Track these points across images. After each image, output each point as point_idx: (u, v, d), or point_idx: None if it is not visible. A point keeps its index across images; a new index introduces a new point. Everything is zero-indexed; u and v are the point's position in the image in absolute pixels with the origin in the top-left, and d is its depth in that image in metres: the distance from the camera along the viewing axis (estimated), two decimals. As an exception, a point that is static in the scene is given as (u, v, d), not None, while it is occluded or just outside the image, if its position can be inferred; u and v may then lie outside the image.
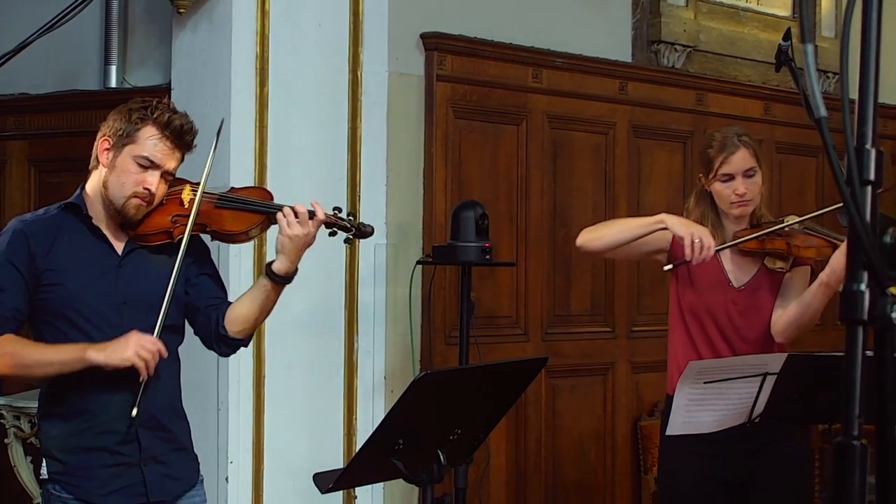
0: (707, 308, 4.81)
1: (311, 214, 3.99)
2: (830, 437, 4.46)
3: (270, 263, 4.03)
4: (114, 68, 7.13)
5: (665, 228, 4.73)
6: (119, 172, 3.95)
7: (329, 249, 4.17)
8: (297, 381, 6.25)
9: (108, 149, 3.99)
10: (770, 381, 4.41)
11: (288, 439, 6.26)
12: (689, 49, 8.18)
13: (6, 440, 6.92)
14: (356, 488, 6.34)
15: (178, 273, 3.94)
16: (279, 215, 3.99)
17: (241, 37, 6.17)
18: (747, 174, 4.79)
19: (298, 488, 6.07)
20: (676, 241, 4.79)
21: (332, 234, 4.12)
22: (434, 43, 6.83)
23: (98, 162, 4.03)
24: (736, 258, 4.84)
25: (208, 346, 4.20)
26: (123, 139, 3.95)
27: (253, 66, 6.18)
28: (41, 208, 4.11)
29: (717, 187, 4.81)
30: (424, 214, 6.75)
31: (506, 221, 7.12)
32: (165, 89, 6.52)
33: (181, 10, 6.24)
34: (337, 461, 6.19)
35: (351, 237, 4.17)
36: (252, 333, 4.18)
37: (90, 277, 3.95)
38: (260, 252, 6.10)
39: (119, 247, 4.02)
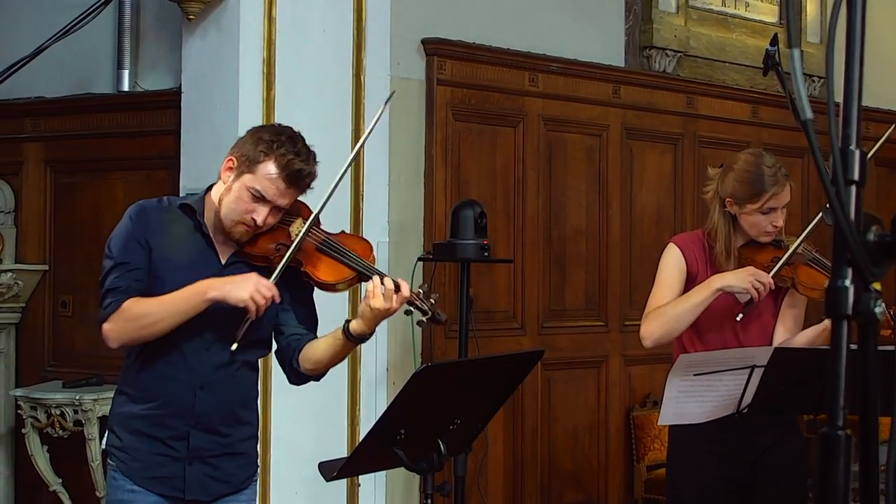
0: (715, 319, 4.79)
1: (397, 289, 3.89)
2: (816, 428, 4.46)
3: (349, 321, 3.96)
4: (126, 73, 7.13)
5: (722, 292, 4.71)
6: (233, 197, 3.90)
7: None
8: (302, 374, 6.25)
9: (230, 168, 3.93)
10: (758, 373, 4.41)
11: (294, 430, 6.26)
12: (679, 54, 8.18)
13: (23, 430, 6.93)
14: (359, 476, 6.34)
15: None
16: (369, 283, 3.91)
17: (248, 42, 6.17)
18: (784, 207, 4.79)
19: (304, 476, 6.07)
20: (690, 270, 4.80)
21: (408, 312, 4.08)
22: (434, 48, 6.84)
23: (221, 177, 3.99)
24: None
25: (282, 369, 4.16)
26: (244, 166, 3.89)
27: (260, 70, 6.18)
28: (164, 197, 4.10)
29: (755, 218, 4.74)
30: (425, 213, 6.76)
31: (503, 220, 7.13)
32: (176, 93, 6.53)
33: (191, 17, 6.25)
34: (341, 450, 6.20)
35: (424, 321, 4.10)
36: (322, 374, 4.12)
37: (189, 277, 3.91)
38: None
39: (224, 255, 3.99)
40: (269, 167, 3.87)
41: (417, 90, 6.82)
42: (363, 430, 6.24)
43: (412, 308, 4.03)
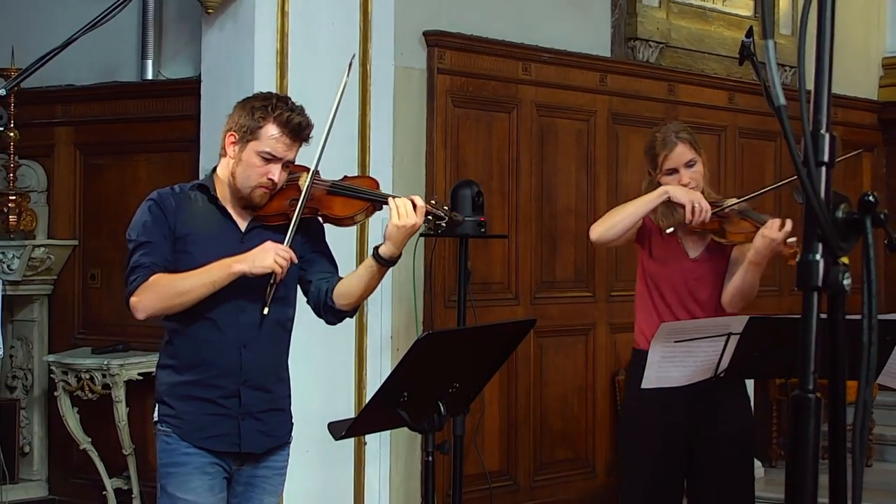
0: (668, 277, 4.80)
1: (414, 206, 3.93)
2: (787, 391, 4.47)
3: (378, 247, 3.97)
4: (150, 62, 7.12)
5: (669, 199, 4.70)
6: (245, 166, 3.92)
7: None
8: (313, 340, 6.24)
9: (234, 143, 3.95)
10: (734, 340, 4.41)
11: (305, 392, 6.23)
12: (661, 45, 8.16)
13: (55, 393, 6.93)
14: (366, 436, 6.35)
15: (288, 246, 3.89)
16: (392, 205, 3.93)
17: (262, 35, 6.15)
18: (688, 165, 4.77)
19: (315, 436, 6.06)
20: (645, 223, 4.80)
21: (427, 222, 4.02)
22: (435, 40, 6.82)
23: (226, 152, 3.99)
24: (689, 234, 4.81)
25: (318, 314, 4.15)
26: (247, 135, 3.91)
27: (273, 60, 6.16)
28: (176, 185, 4.07)
29: (665, 180, 4.79)
30: (426, 192, 6.74)
31: (499, 198, 7.12)
32: (195, 81, 6.52)
33: (209, 11, 6.23)
34: (349, 412, 6.20)
35: (443, 225, 4.08)
36: (357, 307, 4.12)
37: (215, 250, 3.91)
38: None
39: (242, 224, 4.00)
40: (272, 129, 3.91)
41: (419, 79, 6.81)
42: (369, 392, 6.24)
43: (431, 217, 4.02)
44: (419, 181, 6.74)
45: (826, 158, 1.79)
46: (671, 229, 4.73)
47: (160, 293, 3.86)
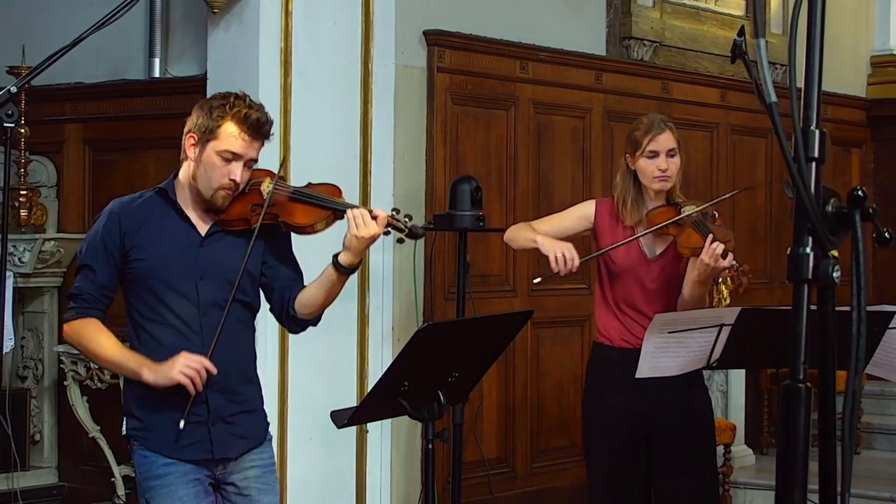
0: (624, 285, 4.78)
1: (374, 217, 3.82)
2: (778, 380, 4.47)
3: (337, 255, 3.88)
4: (157, 61, 7.12)
5: (537, 248, 4.74)
6: (206, 167, 3.82)
7: (343, 220, 4.15)
8: (316, 333, 6.21)
9: (194, 144, 3.86)
10: (725, 331, 4.41)
11: (309, 382, 6.26)
12: (655, 44, 8.16)
13: (65, 382, 6.93)
14: (368, 424, 6.35)
15: (248, 257, 3.82)
16: (349, 215, 3.83)
17: (267, 34, 6.15)
18: (670, 153, 4.76)
19: (318, 424, 6.07)
20: (598, 225, 4.82)
21: (387, 233, 3.92)
22: (435, 39, 6.82)
23: (187, 155, 3.91)
24: (654, 234, 4.79)
25: (280, 322, 4.08)
26: (207, 135, 3.81)
27: (277, 59, 6.16)
28: (137, 192, 4.02)
29: (643, 164, 4.75)
30: (426, 187, 6.75)
31: (496, 193, 7.12)
32: (202, 79, 6.51)
33: (215, 11, 6.23)
34: (351, 400, 6.20)
35: (403, 238, 4.01)
36: (319, 316, 4.02)
37: (172, 254, 3.85)
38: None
39: (203, 228, 3.90)
40: (230, 127, 3.80)
41: (419, 77, 6.80)
42: (371, 382, 6.24)
43: (391, 229, 3.92)
44: (419, 177, 6.74)
45: (816, 154, 1.79)
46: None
47: (80, 340, 3.94)
